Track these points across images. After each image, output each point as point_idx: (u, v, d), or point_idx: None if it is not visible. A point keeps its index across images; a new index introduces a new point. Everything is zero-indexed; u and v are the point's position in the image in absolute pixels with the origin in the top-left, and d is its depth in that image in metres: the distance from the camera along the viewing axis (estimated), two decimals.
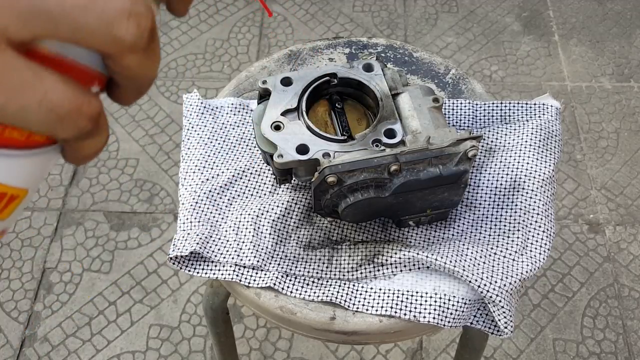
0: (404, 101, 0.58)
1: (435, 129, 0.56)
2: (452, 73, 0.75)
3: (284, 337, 1.29)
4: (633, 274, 1.37)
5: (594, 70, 1.73)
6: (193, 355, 1.27)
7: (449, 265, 0.57)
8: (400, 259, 0.59)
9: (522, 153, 0.64)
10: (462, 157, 0.54)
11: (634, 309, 1.32)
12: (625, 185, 1.51)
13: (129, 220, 1.45)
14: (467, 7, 1.90)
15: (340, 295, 0.59)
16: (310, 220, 0.63)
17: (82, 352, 1.27)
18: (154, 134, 1.62)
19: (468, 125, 0.69)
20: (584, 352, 1.26)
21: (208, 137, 0.69)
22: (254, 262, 0.60)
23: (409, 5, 1.90)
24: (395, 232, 0.63)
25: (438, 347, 1.27)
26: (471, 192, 0.64)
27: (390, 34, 1.82)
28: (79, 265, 1.39)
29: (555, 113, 0.68)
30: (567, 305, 1.32)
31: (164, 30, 1.85)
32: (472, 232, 0.62)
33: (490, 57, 1.77)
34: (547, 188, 0.63)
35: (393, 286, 0.59)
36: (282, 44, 1.80)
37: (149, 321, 1.31)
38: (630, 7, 1.88)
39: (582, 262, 1.38)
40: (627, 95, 1.68)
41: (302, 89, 0.59)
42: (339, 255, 0.61)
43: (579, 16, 1.86)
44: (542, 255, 0.59)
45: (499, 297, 0.56)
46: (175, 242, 0.62)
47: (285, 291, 0.59)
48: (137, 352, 1.27)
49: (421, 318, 0.57)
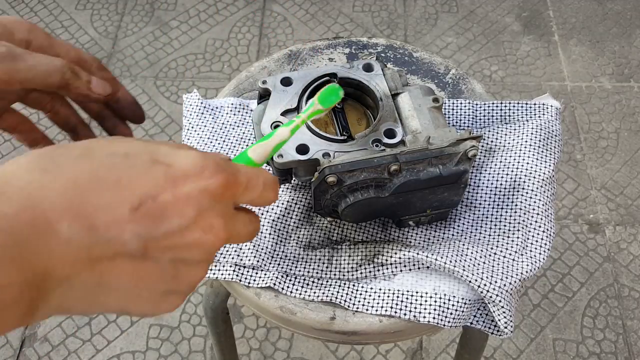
0: (404, 101, 0.58)
1: (435, 129, 0.56)
2: (452, 73, 0.75)
3: (284, 337, 1.29)
4: (633, 274, 1.37)
5: (594, 70, 1.73)
6: (193, 355, 1.27)
7: (449, 265, 0.57)
8: (400, 259, 0.59)
9: (522, 153, 0.64)
10: (462, 157, 0.54)
11: (634, 309, 1.32)
12: (625, 185, 1.51)
13: None
14: (467, 7, 1.90)
15: (340, 295, 0.59)
16: (310, 220, 0.63)
17: (82, 352, 1.27)
18: (154, 134, 1.62)
19: (468, 125, 0.69)
20: (584, 352, 1.26)
21: (208, 137, 0.69)
22: (254, 262, 0.60)
23: (409, 5, 1.90)
24: (395, 232, 0.63)
25: (438, 347, 1.27)
26: (471, 192, 0.64)
27: (390, 34, 1.82)
28: None
29: (555, 113, 0.68)
30: (567, 305, 1.32)
31: (164, 30, 1.85)
32: (472, 232, 0.62)
33: (490, 57, 1.77)
34: (547, 188, 0.63)
35: (393, 286, 0.59)
36: (282, 44, 1.80)
37: (149, 321, 1.31)
38: (630, 7, 1.88)
39: (582, 262, 1.38)
40: (627, 95, 1.68)
41: (302, 89, 0.59)
42: (339, 255, 0.61)
43: (579, 16, 1.86)
44: (542, 255, 0.59)
45: (499, 297, 0.56)
46: None
47: (285, 291, 0.59)
48: (137, 352, 1.27)
49: (421, 318, 0.57)
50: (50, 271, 0.27)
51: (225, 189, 0.32)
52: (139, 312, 0.32)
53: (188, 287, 0.33)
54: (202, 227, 0.31)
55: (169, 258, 0.30)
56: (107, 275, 0.29)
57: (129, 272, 0.29)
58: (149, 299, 0.31)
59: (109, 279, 0.29)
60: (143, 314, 0.32)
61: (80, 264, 0.28)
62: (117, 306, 0.31)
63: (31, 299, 0.26)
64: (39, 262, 0.26)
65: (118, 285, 0.29)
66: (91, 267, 0.28)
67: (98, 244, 0.28)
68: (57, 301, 0.28)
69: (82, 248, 0.27)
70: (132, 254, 0.29)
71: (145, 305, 0.32)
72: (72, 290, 0.28)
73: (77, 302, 0.29)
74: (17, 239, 0.26)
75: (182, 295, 0.33)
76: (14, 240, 0.25)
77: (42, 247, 0.26)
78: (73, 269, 0.27)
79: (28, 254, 0.26)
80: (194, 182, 0.31)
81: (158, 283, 0.31)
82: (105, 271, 0.29)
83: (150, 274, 0.30)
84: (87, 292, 0.29)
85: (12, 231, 0.26)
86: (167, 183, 0.30)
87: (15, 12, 1.89)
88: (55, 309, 0.28)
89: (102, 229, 0.28)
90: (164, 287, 0.31)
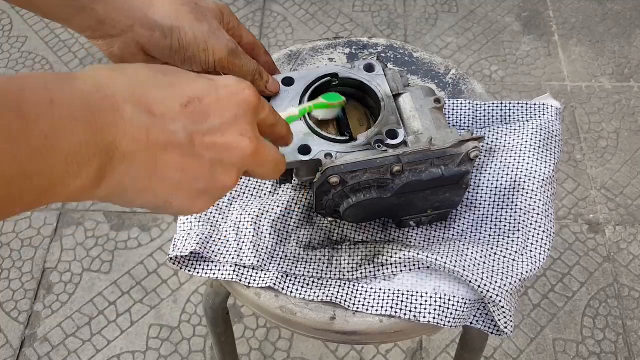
0: (405, 102, 0.58)
1: (437, 130, 0.56)
2: (453, 73, 0.75)
3: (284, 337, 1.29)
4: (633, 274, 1.37)
5: (594, 70, 1.73)
6: (193, 355, 1.27)
7: (449, 266, 0.57)
8: (401, 259, 0.59)
9: (522, 153, 0.64)
10: (464, 158, 0.54)
11: (634, 309, 1.32)
12: (625, 185, 1.51)
13: (129, 220, 1.45)
14: (467, 7, 1.90)
15: (340, 295, 0.59)
16: (311, 220, 0.63)
17: (82, 352, 1.27)
18: None
19: (468, 126, 0.69)
20: (584, 352, 1.26)
21: None
22: (254, 262, 0.60)
23: (409, 5, 1.90)
24: (396, 232, 0.63)
25: (438, 347, 1.27)
26: (471, 192, 0.64)
27: (390, 34, 1.82)
28: (79, 265, 1.39)
29: (555, 113, 0.68)
30: (567, 305, 1.32)
31: None
32: (473, 232, 0.62)
33: (490, 57, 1.77)
34: (547, 188, 0.63)
35: (393, 286, 0.59)
36: (282, 44, 1.80)
37: (149, 321, 1.31)
38: (630, 7, 1.88)
39: (582, 262, 1.38)
40: (627, 95, 1.68)
41: (303, 89, 0.59)
42: (339, 256, 0.61)
43: (579, 16, 1.86)
44: (542, 255, 0.59)
45: (499, 297, 0.56)
46: (176, 242, 0.62)
47: (286, 291, 0.59)
48: (137, 352, 1.27)
49: (421, 318, 0.57)
50: (117, 143, 0.32)
51: (257, 104, 0.39)
52: (178, 206, 0.37)
53: (219, 191, 0.39)
54: (238, 130, 0.37)
55: (210, 157, 0.36)
56: (160, 162, 0.34)
57: (177, 164, 0.35)
58: (188, 194, 0.37)
59: (161, 167, 0.34)
60: (180, 209, 0.38)
61: (140, 144, 0.33)
62: (162, 195, 0.36)
63: (102, 164, 0.31)
64: (108, 132, 0.31)
65: (167, 174, 0.35)
66: (148, 150, 0.33)
67: (154, 128, 0.33)
68: (119, 176, 0.33)
69: (142, 129, 0.33)
70: (181, 145, 0.35)
71: (184, 201, 0.37)
72: (132, 168, 0.33)
73: (133, 181, 0.34)
74: (92, 109, 0.31)
75: (213, 199, 0.39)
76: (89, 110, 0.31)
77: (111, 120, 0.32)
78: (134, 145, 0.33)
79: (100, 123, 0.31)
80: (233, 92, 0.38)
81: (198, 180, 0.36)
82: (160, 158, 0.34)
83: (194, 169, 0.36)
84: (143, 173, 0.34)
85: (87, 103, 0.31)
86: (211, 89, 0.37)
87: (15, 11, 1.89)
88: (116, 185, 0.33)
89: (159, 117, 0.34)
90: (202, 185, 0.37)
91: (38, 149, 0.28)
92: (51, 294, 1.35)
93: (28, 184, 0.28)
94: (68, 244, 1.42)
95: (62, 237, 1.43)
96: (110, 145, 0.31)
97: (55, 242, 1.42)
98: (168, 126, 0.34)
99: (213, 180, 0.37)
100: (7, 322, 1.31)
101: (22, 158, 0.27)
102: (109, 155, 0.32)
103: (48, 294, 1.34)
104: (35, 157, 0.28)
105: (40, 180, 0.29)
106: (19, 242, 1.42)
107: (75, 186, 0.31)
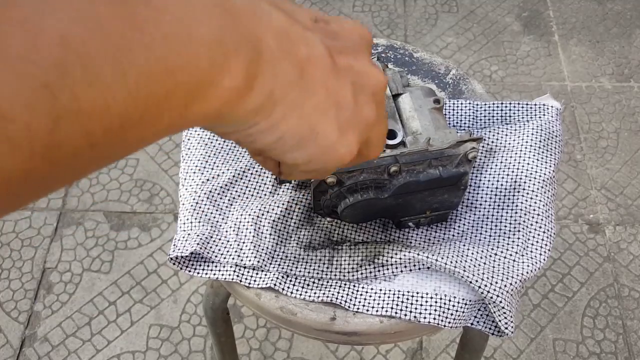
0: (404, 102, 0.58)
1: (435, 131, 0.56)
2: (453, 73, 0.75)
3: (284, 337, 1.29)
4: (633, 274, 1.37)
5: (594, 70, 1.73)
6: (193, 355, 1.27)
7: (450, 266, 0.57)
8: (401, 259, 0.59)
9: (522, 154, 0.64)
10: (462, 159, 0.54)
11: (634, 309, 1.32)
12: (625, 185, 1.51)
13: (129, 220, 1.45)
14: (467, 7, 1.90)
15: (340, 295, 0.59)
16: (311, 220, 0.63)
17: (82, 352, 1.27)
18: None
19: (468, 126, 0.69)
20: (584, 352, 1.26)
21: (208, 137, 0.69)
22: (255, 263, 0.60)
23: (409, 5, 1.90)
24: (396, 232, 0.63)
25: (438, 347, 1.27)
26: (472, 192, 0.64)
27: (390, 34, 1.82)
28: (79, 265, 1.39)
29: (555, 114, 0.68)
30: (567, 305, 1.32)
31: None
32: (473, 233, 0.62)
33: (490, 57, 1.77)
34: (547, 189, 0.63)
35: (393, 287, 0.59)
36: None
37: (149, 321, 1.31)
38: (630, 7, 1.88)
39: (582, 262, 1.38)
40: (627, 95, 1.68)
41: None
42: (340, 256, 0.61)
43: (579, 16, 1.86)
44: (542, 255, 0.59)
45: (499, 297, 0.56)
46: (176, 243, 0.62)
47: (286, 292, 0.59)
48: (137, 352, 1.27)
49: (421, 319, 0.57)
50: (260, 35, 0.29)
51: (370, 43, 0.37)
52: (324, 136, 0.33)
53: (364, 126, 0.35)
54: (367, 59, 0.35)
55: (351, 80, 0.33)
56: (305, 73, 0.31)
57: (321, 79, 0.31)
58: (335, 122, 0.33)
59: (307, 79, 0.31)
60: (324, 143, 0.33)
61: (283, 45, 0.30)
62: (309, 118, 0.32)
63: (251, 57, 0.28)
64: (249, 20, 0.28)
65: (314, 89, 0.31)
66: (291, 57, 0.30)
67: (294, 31, 0.30)
68: (269, 82, 0.29)
69: (283, 29, 0.30)
70: (323, 57, 0.31)
71: (332, 131, 0.33)
72: (280, 76, 0.30)
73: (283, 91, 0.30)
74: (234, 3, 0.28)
75: (358, 136, 0.34)
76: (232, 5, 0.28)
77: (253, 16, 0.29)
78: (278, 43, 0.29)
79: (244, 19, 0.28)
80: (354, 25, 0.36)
81: (342, 107, 0.33)
82: (305, 68, 0.30)
83: (337, 91, 0.32)
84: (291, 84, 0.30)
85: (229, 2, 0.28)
86: (333, 18, 0.36)
87: None
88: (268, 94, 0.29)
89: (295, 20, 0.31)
90: (348, 114, 0.33)
91: (174, 36, 0.24)
92: (51, 293, 1.35)
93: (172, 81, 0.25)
94: (68, 244, 1.42)
95: (62, 237, 1.43)
96: (255, 36, 0.28)
97: (55, 242, 1.42)
98: (306, 33, 0.31)
99: (358, 109, 0.34)
100: (7, 322, 1.31)
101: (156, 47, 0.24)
102: (257, 50, 0.28)
103: (48, 294, 1.34)
104: (172, 45, 0.24)
105: (184, 76, 0.25)
106: (19, 242, 1.42)
107: (225, 86, 0.27)
